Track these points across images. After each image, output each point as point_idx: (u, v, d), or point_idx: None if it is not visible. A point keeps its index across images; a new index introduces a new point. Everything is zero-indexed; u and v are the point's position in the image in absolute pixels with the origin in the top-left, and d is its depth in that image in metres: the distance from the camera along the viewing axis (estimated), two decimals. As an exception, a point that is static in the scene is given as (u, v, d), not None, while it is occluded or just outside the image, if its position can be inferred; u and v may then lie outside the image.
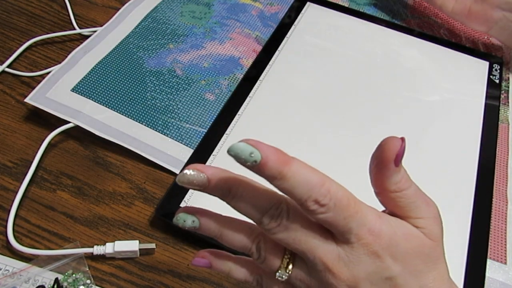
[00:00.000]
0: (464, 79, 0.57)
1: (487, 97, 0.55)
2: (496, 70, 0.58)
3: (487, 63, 0.59)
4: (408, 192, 0.26)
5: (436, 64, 0.58)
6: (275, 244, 0.27)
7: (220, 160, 0.46)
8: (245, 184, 0.26)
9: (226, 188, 0.25)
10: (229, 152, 0.23)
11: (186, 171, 0.25)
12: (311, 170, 0.24)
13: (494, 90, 0.56)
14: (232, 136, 0.48)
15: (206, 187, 0.25)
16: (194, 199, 0.43)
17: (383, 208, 0.28)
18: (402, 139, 0.26)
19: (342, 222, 0.24)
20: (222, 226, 0.27)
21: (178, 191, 0.43)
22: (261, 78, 0.54)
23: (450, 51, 0.60)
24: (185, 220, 0.27)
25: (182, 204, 0.42)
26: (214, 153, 0.46)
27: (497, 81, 0.57)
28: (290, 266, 0.27)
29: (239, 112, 0.50)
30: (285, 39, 0.59)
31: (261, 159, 0.23)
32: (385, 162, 0.26)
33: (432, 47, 0.60)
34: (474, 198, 0.45)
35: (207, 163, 0.45)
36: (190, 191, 0.43)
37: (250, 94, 0.52)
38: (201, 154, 0.46)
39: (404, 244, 0.26)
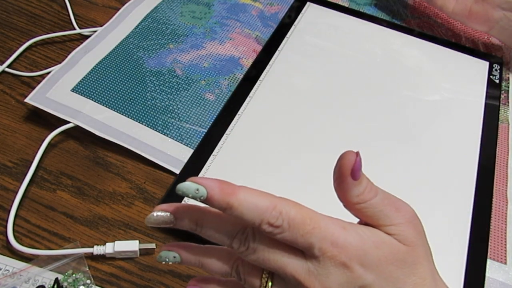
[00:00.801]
0: (464, 79, 0.57)
1: (487, 97, 0.55)
2: (496, 70, 0.58)
3: (487, 63, 0.59)
4: (374, 201, 0.27)
5: (436, 64, 0.58)
6: (253, 265, 0.28)
7: (220, 160, 0.46)
8: (210, 214, 0.27)
9: (193, 222, 0.27)
10: (177, 191, 0.25)
11: (153, 212, 0.27)
12: (260, 195, 0.26)
13: (494, 90, 0.56)
14: (232, 136, 0.48)
15: (174, 224, 0.28)
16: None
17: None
18: (357, 153, 0.26)
19: (301, 239, 0.25)
20: (201, 256, 0.29)
21: None
22: (261, 78, 0.54)
23: (450, 51, 0.60)
24: (167, 257, 0.29)
25: None
26: (214, 153, 0.46)
27: (497, 81, 0.57)
28: (270, 284, 0.27)
29: (239, 112, 0.50)
30: (285, 39, 0.59)
31: (206, 194, 0.25)
32: (342, 177, 0.26)
33: (432, 47, 0.60)
34: (474, 198, 0.45)
35: (207, 163, 0.45)
36: None
37: (250, 94, 0.52)
38: (201, 154, 0.46)
39: (375, 252, 0.26)
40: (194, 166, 0.45)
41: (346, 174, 0.26)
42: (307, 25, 0.61)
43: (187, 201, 0.42)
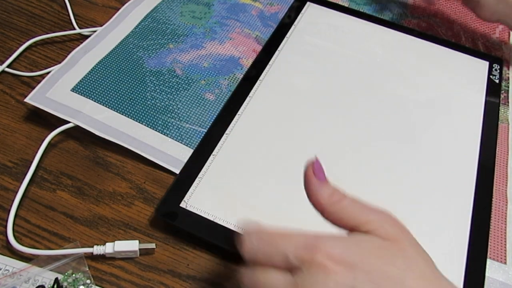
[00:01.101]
0: (464, 79, 0.57)
1: (487, 97, 0.55)
2: (496, 70, 0.58)
3: (487, 63, 0.59)
4: (346, 202, 0.28)
5: (436, 64, 0.58)
6: None
7: (220, 160, 0.46)
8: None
9: None
10: None
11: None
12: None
13: (494, 90, 0.56)
14: (232, 136, 0.48)
15: None
16: (194, 198, 0.43)
17: None
18: (316, 157, 0.30)
19: (275, 252, 0.26)
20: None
21: (177, 191, 0.43)
22: (261, 78, 0.54)
23: (450, 51, 0.60)
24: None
25: (182, 204, 0.42)
26: (214, 153, 0.46)
27: (497, 81, 0.57)
28: None
29: (239, 112, 0.50)
30: (285, 39, 0.59)
31: None
32: (308, 178, 0.29)
33: (432, 47, 0.60)
34: (474, 198, 0.45)
35: (207, 164, 0.45)
36: (190, 190, 0.43)
37: (250, 94, 0.52)
38: (201, 154, 0.46)
39: (356, 249, 0.25)
40: (194, 166, 0.45)
41: (310, 174, 0.28)
42: (307, 25, 0.61)
43: (187, 200, 0.42)
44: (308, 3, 0.64)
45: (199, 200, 0.43)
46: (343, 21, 0.62)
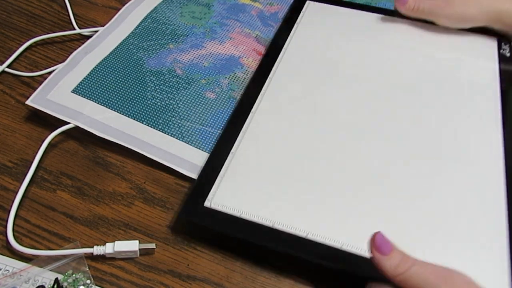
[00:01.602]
0: (474, 58, 0.55)
1: (501, 79, 0.52)
2: (505, 44, 0.56)
3: (495, 39, 0.58)
4: (413, 270, 0.29)
5: (444, 48, 0.57)
6: None
7: (240, 157, 0.45)
8: None
9: None
10: None
11: None
12: None
13: (506, 65, 0.54)
14: (249, 133, 0.47)
15: None
16: (217, 196, 0.42)
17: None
18: (377, 232, 0.33)
19: None
20: None
21: (199, 191, 0.42)
22: (270, 76, 0.53)
23: (457, 31, 0.58)
24: None
25: (206, 203, 0.41)
26: (232, 151, 0.46)
27: (508, 54, 0.55)
28: None
29: (252, 110, 0.49)
30: (290, 36, 0.58)
31: None
32: (372, 253, 0.32)
33: (439, 29, 0.58)
34: (507, 193, 0.42)
35: (227, 162, 0.45)
36: (213, 189, 0.42)
37: (261, 92, 0.51)
38: (219, 153, 0.45)
39: None
40: (213, 166, 0.44)
41: (373, 250, 0.31)
42: (309, 22, 0.60)
43: (211, 199, 0.42)
44: (307, 2, 0.63)
45: (223, 198, 0.42)
46: (344, 14, 0.61)
